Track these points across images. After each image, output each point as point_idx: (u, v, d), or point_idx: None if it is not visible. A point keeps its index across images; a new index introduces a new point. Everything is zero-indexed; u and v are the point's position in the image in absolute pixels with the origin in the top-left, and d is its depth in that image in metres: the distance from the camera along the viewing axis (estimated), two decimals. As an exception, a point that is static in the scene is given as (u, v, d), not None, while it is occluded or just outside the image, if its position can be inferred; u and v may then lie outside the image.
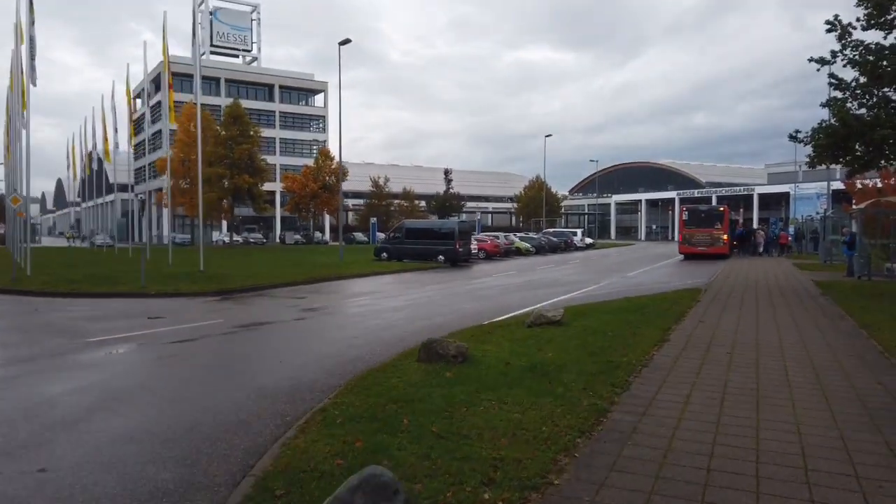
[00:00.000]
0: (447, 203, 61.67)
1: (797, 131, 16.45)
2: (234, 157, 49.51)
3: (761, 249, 40.36)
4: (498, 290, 19.81)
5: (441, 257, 33.51)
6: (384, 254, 35.16)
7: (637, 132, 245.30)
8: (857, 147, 15.66)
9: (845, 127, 15.05)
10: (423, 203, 77.89)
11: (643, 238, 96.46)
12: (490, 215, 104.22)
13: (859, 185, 27.31)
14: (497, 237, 43.85)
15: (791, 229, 46.92)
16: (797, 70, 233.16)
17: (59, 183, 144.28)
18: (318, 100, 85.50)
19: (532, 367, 7.54)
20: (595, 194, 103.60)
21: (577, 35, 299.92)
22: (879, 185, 27.06)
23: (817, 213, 60.68)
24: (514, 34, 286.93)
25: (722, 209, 35.69)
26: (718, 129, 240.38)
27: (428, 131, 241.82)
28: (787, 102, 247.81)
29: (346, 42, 33.57)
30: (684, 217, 35.81)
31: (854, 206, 22.80)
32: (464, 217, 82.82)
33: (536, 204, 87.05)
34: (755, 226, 64.98)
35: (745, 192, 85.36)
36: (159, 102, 72.65)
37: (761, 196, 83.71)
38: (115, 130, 36.73)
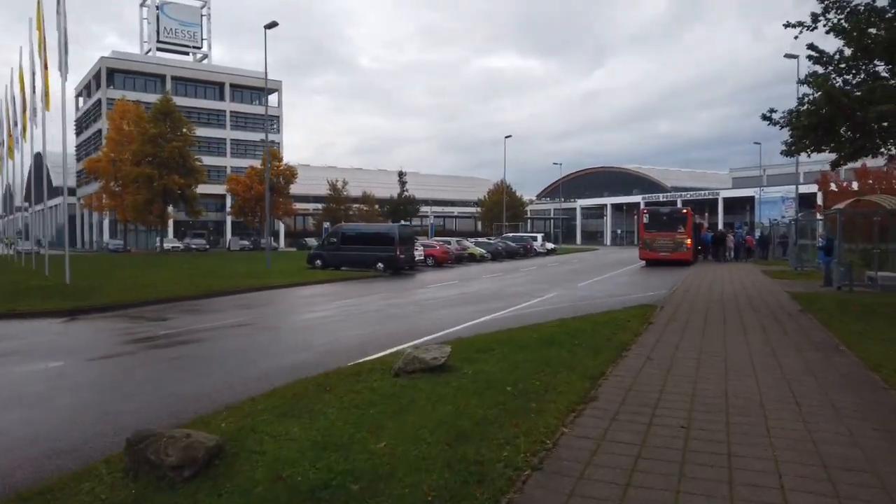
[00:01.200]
0: (401, 207, 58.01)
1: (772, 111, 13.35)
2: (164, 155, 45.24)
3: (731, 255, 37.79)
4: (421, 307, 16.37)
5: (380, 265, 30.02)
6: (318, 261, 31.51)
7: (604, 139, 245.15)
8: (843, 131, 12.59)
9: (831, 104, 11.94)
10: (386, 207, 74.19)
11: (609, 243, 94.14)
12: (455, 220, 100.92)
13: (833, 186, 24.62)
14: (448, 242, 40.47)
15: (757, 233, 44.43)
16: (757, 79, 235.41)
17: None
18: (273, 100, 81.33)
19: (326, 485, 4.08)
20: (562, 199, 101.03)
21: (544, 43, 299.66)
22: (855, 185, 24.38)
23: (782, 217, 58.74)
24: (482, 41, 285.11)
25: (685, 211, 32.81)
26: (682, 136, 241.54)
27: (399, 137, 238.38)
28: (747, 110, 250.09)
29: (272, 25, 29.93)
30: (645, 220, 32.84)
31: (832, 208, 19.90)
32: (431, 221, 79.53)
33: (500, 208, 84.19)
34: (720, 228, 62.75)
35: (710, 197, 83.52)
36: (100, 100, 68.06)
37: (726, 200, 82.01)
38: (16, 124, 32.44)
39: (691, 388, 6.93)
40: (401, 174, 59.11)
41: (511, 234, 55.58)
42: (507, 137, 62.66)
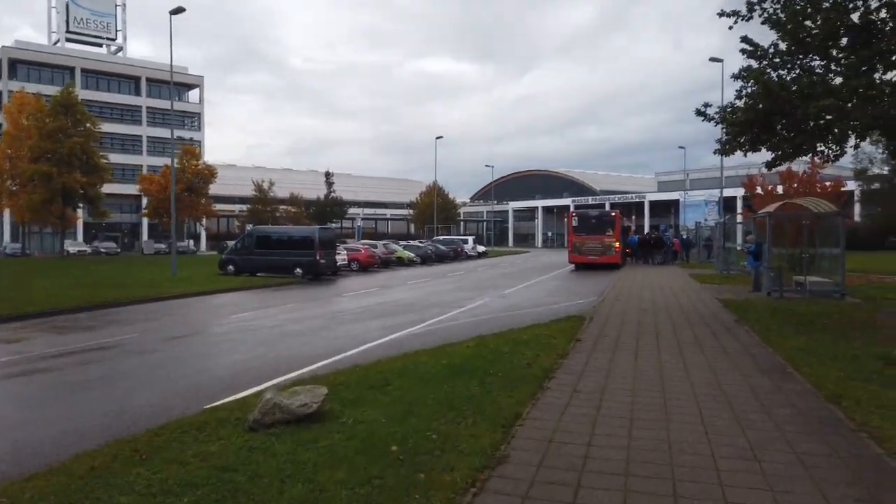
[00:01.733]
0: (328, 208, 55.39)
1: (706, 105, 12.28)
2: (64, 151, 41.32)
3: (660, 258, 37.61)
4: (328, 320, 14.54)
5: (299, 270, 27.90)
6: (230, 266, 29.05)
7: (536, 143, 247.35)
8: (780, 129, 11.61)
9: (769, 98, 10.91)
10: (312, 209, 71.37)
11: (540, 245, 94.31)
12: (387, 222, 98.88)
13: (759, 190, 24.39)
14: (374, 246, 38.58)
15: (683, 235, 44.68)
16: (679, 88, 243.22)
17: None
18: (193, 96, 77.14)
19: None
20: (494, 202, 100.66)
21: (478, 47, 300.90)
22: (780, 189, 24.17)
23: (705, 220, 59.75)
24: (417, 44, 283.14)
25: (613, 214, 32.18)
26: (609, 142, 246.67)
27: (333, 139, 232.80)
28: (670, 117, 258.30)
29: (178, 11, 27.32)
30: (574, 223, 31.99)
31: (761, 211, 19.32)
32: (359, 223, 77.20)
33: (433, 210, 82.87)
34: (646, 231, 63.42)
35: (637, 200, 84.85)
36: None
37: (652, 203, 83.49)
38: None
39: (626, 436, 5.49)
40: (328, 174, 56.55)
41: (442, 237, 54.18)
42: (437, 138, 61.38)
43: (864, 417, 5.96)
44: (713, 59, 33.85)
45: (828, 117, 10.55)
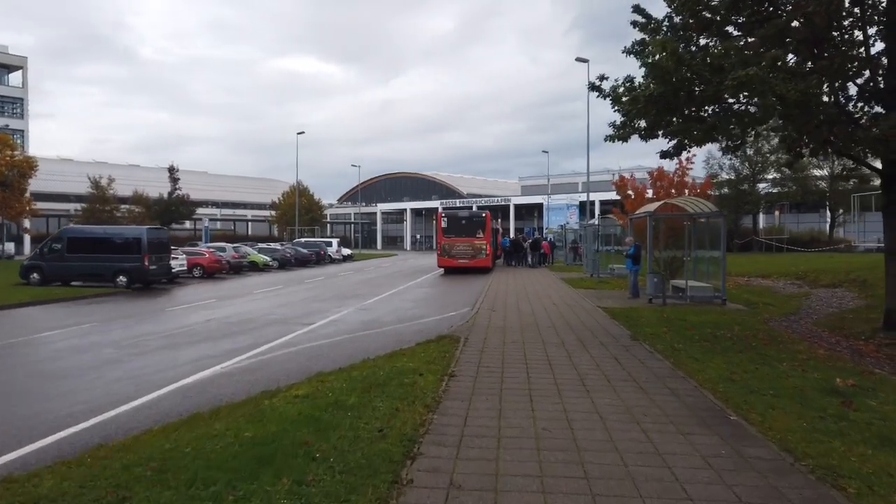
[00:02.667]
0: (172, 207, 49.03)
1: (602, 77, 10.10)
2: None
3: (530, 260, 36.50)
4: (118, 350, 10.76)
5: (122, 278, 23.16)
6: (35, 274, 23.62)
7: (402, 146, 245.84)
8: (689, 110, 9.68)
9: (677, 72, 8.88)
10: (154, 208, 63.77)
11: (409, 248, 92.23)
12: (247, 223, 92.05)
13: (630, 192, 23.38)
14: (223, 249, 34.00)
15: (549, 238, 44.14)
16: (536, 98, 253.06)
17: None
18: (14, 79, 66.64)
19: None
20: (361, 203, 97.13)
21: (342, 48, 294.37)
22: (650, 191, 23.30)
23: (567, 223, 60.49)
24: (276, 41, 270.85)
25: (484, 215, 30.31)
26: (472, 148, 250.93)
27: (189, 135, 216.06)
28: (528, 126, 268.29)
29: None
30: (443, 224, 29.71)
31: (639, 211, 17.92)
32: (205, 224, 70.17)
33: (297, 211, 77.98)
34: (512, 234, 63.22)
35: (503, 203, 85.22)
36: None
37: (517, 207, 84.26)
38: None
39: None
40: (171, 170, 49.93)
41: (304, 240, 50.02)
42: (299, 134, 57.00)
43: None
44: (579, 60, 33.09)
45: (744, 93, 8.69)
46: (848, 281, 18.04)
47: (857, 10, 10.05)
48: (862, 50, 10.16)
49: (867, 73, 10.13)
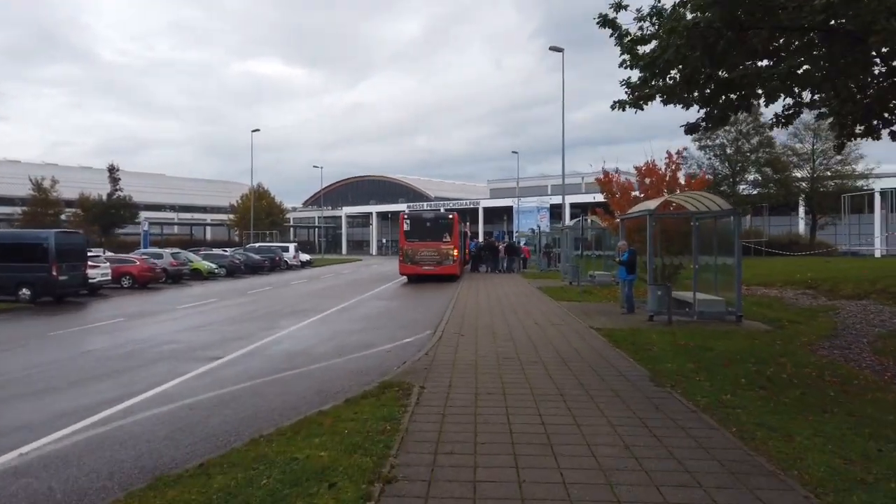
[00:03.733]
0: (113, 210, 44.17)
1: (620, 5, 6.95)
2: None
3: (504, 266, 33.67)
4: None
5: (25, 291, 19.40)
6: (-81, 288, 19.63)
7: (369, 151, 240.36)
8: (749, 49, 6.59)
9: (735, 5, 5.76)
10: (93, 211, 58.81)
11: (375, 252, 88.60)
12: (204, 228, 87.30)
13: (616, 190, 20.40)
14: (159, 255, 30.11)
15: (521, 242, 41.22)
16: (503, 103, 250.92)
17: None
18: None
19: None
20: (323, 207, 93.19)
21: (308, 52, 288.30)
22: (637, 189, 20.39)
23: (538, 226, 57.73)
24: (242, 44, 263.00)
25: (451, 217, 27.15)
26: (440, 152, 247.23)
27: (153, 139, 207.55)
28: (495, 131, 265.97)
29: None
30: (405, 227, 26.44)
31: (634, 209, 14.91)
32: (145, 228, 65.74)
33: (255, 215, 73.83)
34: (481, 238, 60.20)
35: (472, 206, 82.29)
36: None
37: (486, 210, 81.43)
38: None
39: None
40: (111, 169, 45.06)
41: (258, 245, 46.15)
42: (254, 132, 52.97)
43: None
44: (553, 49, 30.25)
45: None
46: (875, 291, 15.32)
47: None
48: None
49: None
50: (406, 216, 26.84)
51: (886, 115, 7.84)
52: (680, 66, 6.50)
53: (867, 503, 4.03)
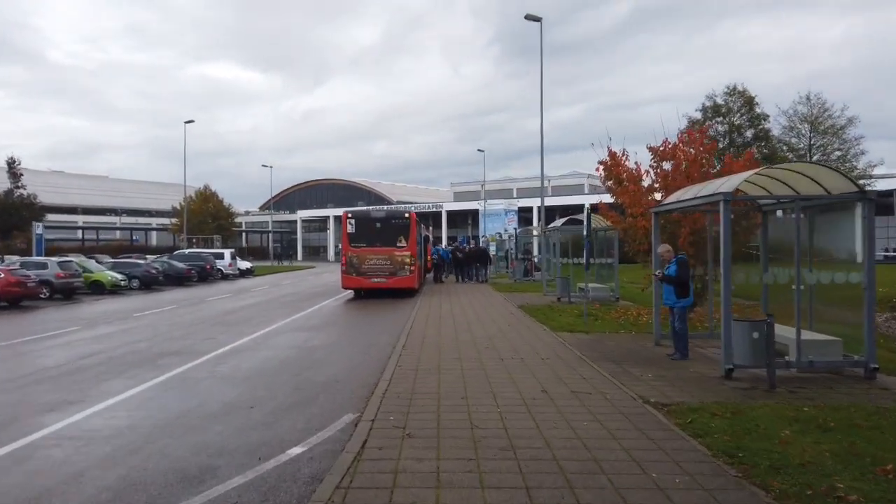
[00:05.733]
0: (12, 211, 36.53)
1: None
2: None
3: (475, 275, 28.46)
4: None
5: None
6: None
7: (327, 155, 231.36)
8: None
9: None
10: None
11: (332, 258, 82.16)
12: (146, 232, 79.53)
13: (625, 180, 14.72)
14: (43, 265, 23.54)
15: (492, 248, 35.81)
16: (461, 109, 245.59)
17: None
18: None
19: None
20: (272, 210, 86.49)
21: (264, 56, 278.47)
22: (649, 176, 15.06)
23: (505, 230, 52.51)
24: (197, 47, 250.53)
25: (407, 215, 21.38)
26: (400, 157, 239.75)
27: (105, 142, 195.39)
28: (453, 137, 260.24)
29: None
30: (349, 229, 20.65)
31: (683, 194, 9.45)
32: (38, 231, 58.43)
33: (203, 218, 66.90)
34: (444, 243, 54.72)
35: (435, 210, 76.87)
36: None
37: (450, 213, 76.19)
38: None
39: None
40: (10, 163, 37.53)
41: (187, 251, 39.54)
42: (187, 123, 46.17)
43: None
44: (529, 17, 24.95)
45: None
46: None
47: None
48: None
49: None
50: (350, 215, 20.94)
51: None
52: None
53: None
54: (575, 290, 17.94)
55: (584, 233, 13.36)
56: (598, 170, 15.48)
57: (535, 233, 34.40)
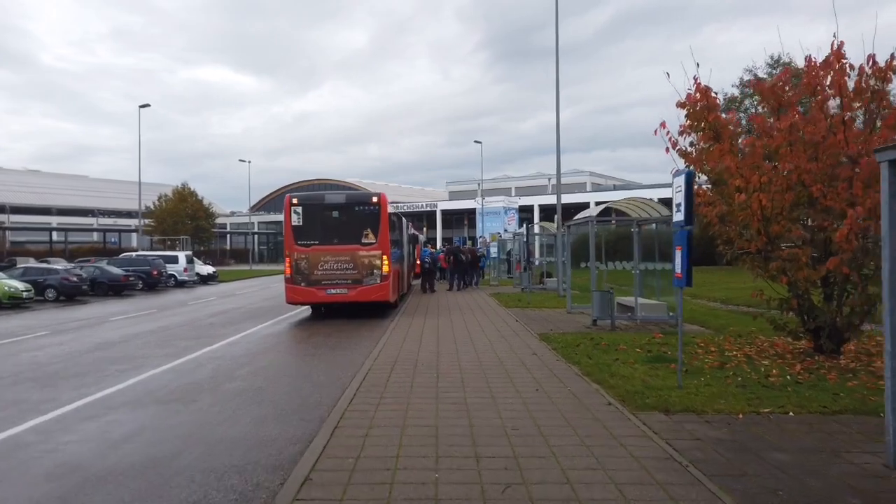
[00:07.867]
0: None
1: None
2: None
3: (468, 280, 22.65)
4: None
5: None
6: None
7: (318, 159, 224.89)
8: None
9: None
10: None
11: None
12: (119, 234, 73.18)
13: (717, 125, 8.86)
14: None
15: (492, 249, 29.86)
16: (450, 112, 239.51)
17: None
18: None
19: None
20: (269, 212, 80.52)
21: (255, 60, 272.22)
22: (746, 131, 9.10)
23: (505, 231, 46.74)
24: (186, 51, 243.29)
25: (375, 200, 14.87)
26: (390, 160, 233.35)
27: (94, 145, 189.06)
28: (442, 140, 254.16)
29: None
30: (294, 220, 14.50)
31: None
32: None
33: (180, 217, 60.87)
34: (439, 244, 48.88)
35: (429, 209, 71.08)
36: None
37: (445, 213, 70.42)
38: None
39: None
40: None
41: (134, 254, 33.33)
42: (142, 107, 39.96)
43: None
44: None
45: None
46: None
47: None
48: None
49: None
50: (295, 201, 14.73)
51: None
52: None
53: None
54: (613, 307, 11.96)
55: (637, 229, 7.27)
56: (682, 109, 9.30)
57: (552, 230, 28.27)
